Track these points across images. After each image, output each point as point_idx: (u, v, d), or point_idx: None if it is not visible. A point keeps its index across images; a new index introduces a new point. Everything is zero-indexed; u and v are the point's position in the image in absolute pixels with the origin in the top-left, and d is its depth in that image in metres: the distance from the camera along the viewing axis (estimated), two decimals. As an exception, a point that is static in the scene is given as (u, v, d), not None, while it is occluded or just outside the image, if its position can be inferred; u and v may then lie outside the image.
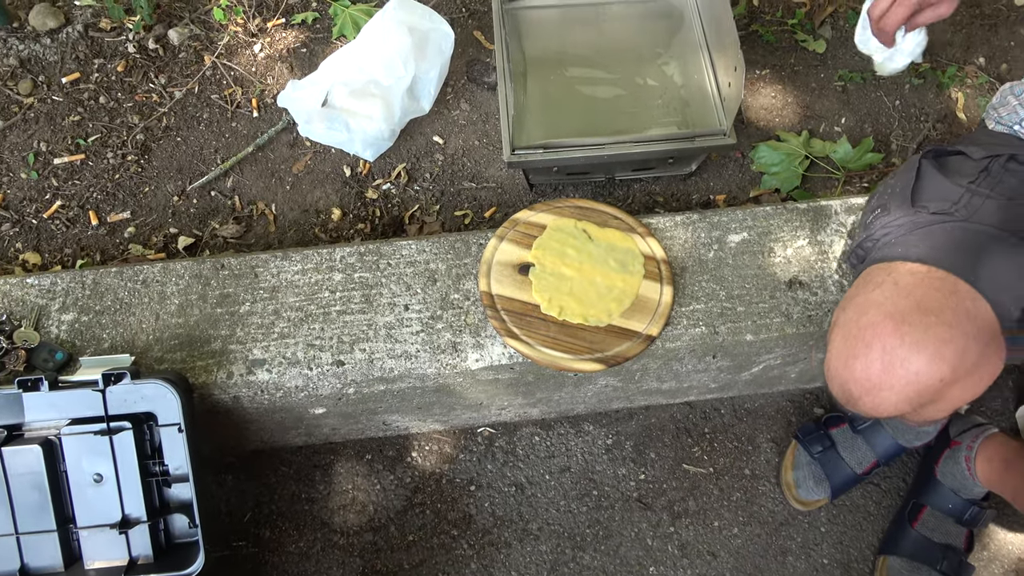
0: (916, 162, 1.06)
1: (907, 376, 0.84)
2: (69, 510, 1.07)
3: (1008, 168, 1.00)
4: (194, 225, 1.42)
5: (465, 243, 1.22)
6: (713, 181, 1.47)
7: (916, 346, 0.83)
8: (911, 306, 0.86)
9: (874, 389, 0.87)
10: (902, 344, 0.84)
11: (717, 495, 1.36)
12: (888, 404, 0.87)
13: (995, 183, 0.99)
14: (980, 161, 1.02)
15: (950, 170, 1.04)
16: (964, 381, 0.86)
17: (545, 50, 1.48)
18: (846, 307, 0.94)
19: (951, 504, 1.25)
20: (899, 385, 0.85)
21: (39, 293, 1.17)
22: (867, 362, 0.86)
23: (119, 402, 1.04)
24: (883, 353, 0.85)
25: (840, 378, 0.91)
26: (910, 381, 0.84)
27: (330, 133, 1.43)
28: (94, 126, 1.50)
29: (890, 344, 0.84)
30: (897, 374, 0.84)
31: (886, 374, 0.85)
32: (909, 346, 0.84)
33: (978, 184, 0.99)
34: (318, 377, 1.12)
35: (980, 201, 0.97)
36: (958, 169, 1.03)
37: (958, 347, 0.83)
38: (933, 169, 1.04)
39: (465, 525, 1.33)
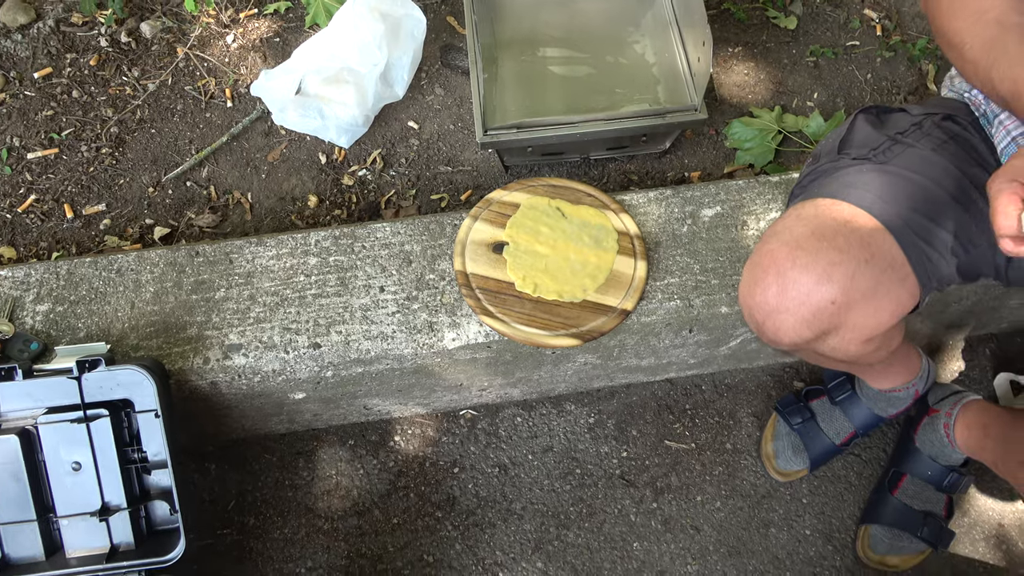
0: (853, 116, 1.08)
1: (799, 297, 0.87)
2: (48, 499, 1.07)
3: (941, 125, 1.01)
4: (170, 216, 1.42)
5: (440, 224, 1.22)
6: (688, 159, 1.48)
7: (805, 268, 0.86)
8: (806, 233, 0.88)
9: (773, 312, 0.89)
10: (793, 267, 0.87)
11: (699, 470, 1.37)
12: (787, 327, 0.89)
13: (922, 136, 1.00)
14: (916, 116, 1.03)
15: (886, 125, 1.05)
16: (862, 306, 0.88)
17: (517, 32, 1.48)
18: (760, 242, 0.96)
19: (930, 471, 1.27)
20: (792, 306, 0.87)
21: (13, 284, 1.17)
22: (764, 286, 0.89)
23: (95, 389, 1.04)
24: (777, 276, 0.88)
25: (746, 306, 0.93)
26: (802, 302, 0.87)
27: (304, 121, 1.43)
28: (67, 120, 1.49)
29: (783, 267, 0.87)
30: (789, 295, 0.87)
31: (780, 296, 0.88)
32: (799, 268, 0.86)
33: (904, 135, 1.00)
34: (295, 360, 1.12)
35: (901, 149, 0.98)
36: (893, 124, 1.05)
37: (847, 270, 0.86)
38: (866, 123, 1.05)
39: (449, 507, 1.33)
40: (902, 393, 1.24)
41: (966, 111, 1.04)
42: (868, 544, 1.28)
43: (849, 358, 0.99)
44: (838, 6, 1.64)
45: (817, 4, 1.64)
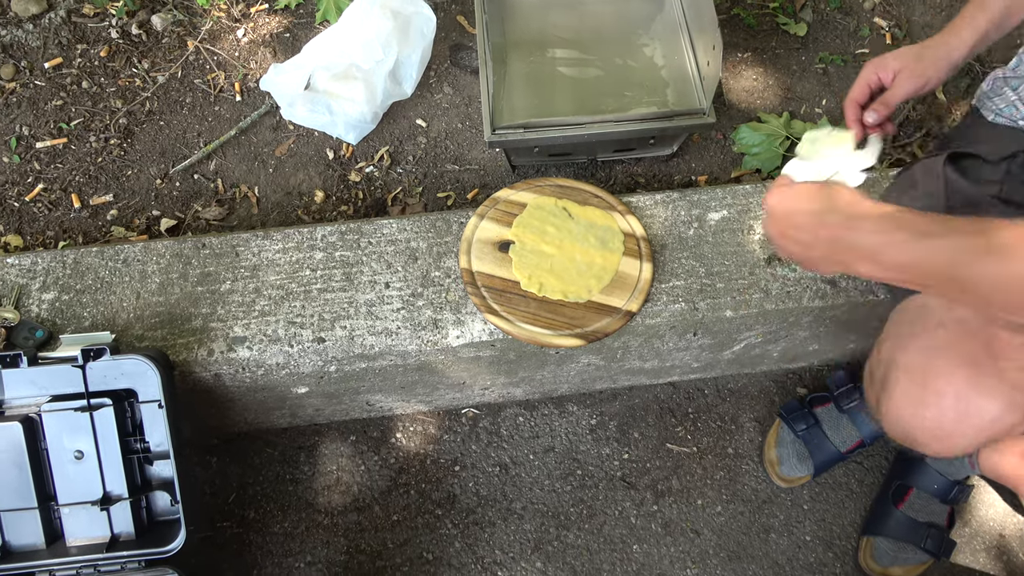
0: (941, 172, 1.02)
1: (982, 424, 0.82)
2: (50, 487, 1.07)
3: None
4: (177, 208, 1.42)
5: (446, 222, 1.23)
6: (695, 163, 1.48)
7: (991, 394, 0.80)
8: (981, 350, 0.82)
9: (946, 437, 0.84)
10: (978, 393, 0.81)
11: (700, 474, 1.37)
12: (959, 449, 0.85)
13: (1017, 186, 0.97)
14: (998, 164, 0.99)
15: (971, 177, 1.01)
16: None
17: (527, 32, 1.48)
18: (907, 347, 0.88)
19: (936, 485, 1.26)
20: (972, 432, 0.83)
21: (19, 272, 1.17)
22: (939, 411, 0.83)
23: (99, 378, 1.04)
24: (957, 401, 0.82)
25: (907, 426, 0.87)
26: (984, 428, 0.82)
27: (313, 116, 1.44)
28: (77, 110, 1.50)
29: (964, 392, 0.81)
30: (972, 423, 0.82)
31: (959, 423, 0.83)
32: (984, 395, 0.81)
33: (1007, 193, 0.96)
34: (299, 354, 1.13)
35: (1012, 212, 0.93)
36: (978, 175, 1.00)
37: None
38: (958, 176, 1.00)
39: (449, 505, 1.33)
40: None
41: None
42: (871, 555, 1.27)
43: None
44: (848, 13, 1.64)
45: (827, 11, 1.64)
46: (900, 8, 1.65)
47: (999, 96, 1.05)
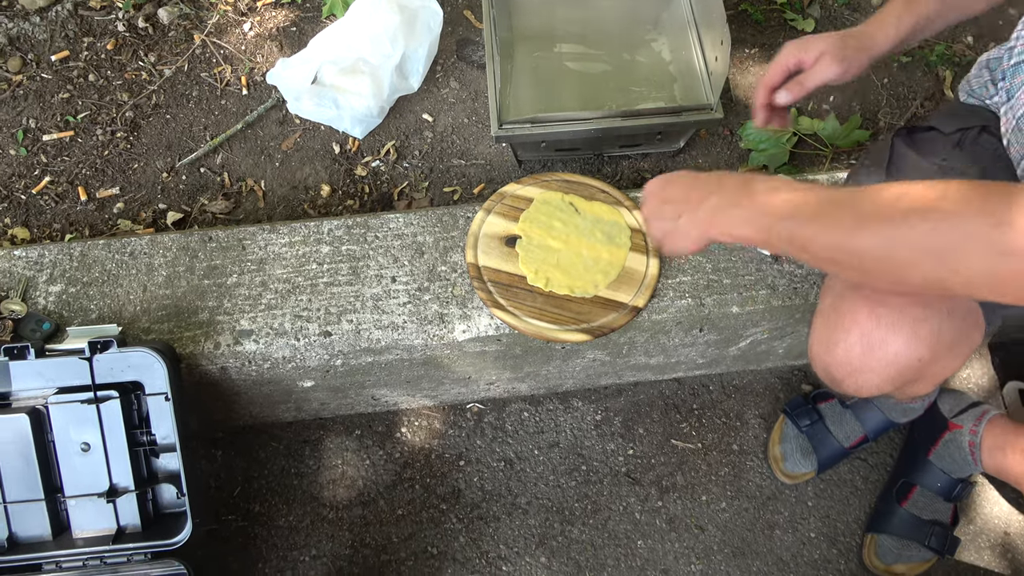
0: (889, 141, 1.07)
1: (886, 358, 0.85)
2: (56, 479, 1.07)
3: (979, 142, 1.00)
4: (183, 201, 1.42)
5: (452, 216, 1.22)
6: (702, 159, 1.48)
7: (892, 327, 0.84)
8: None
9: (855, 372, 0.88)
10: (879, 326, 0.85)
11: (705, 470, 1.37)
12: (870, 385, 0.88)
13: (968, 159, 0.99)
14: (952, 135, 1.02)
15: (923, 148, 1.04)
16: (944, 358, 0.87)
17: (534, 26, 1.48)
18: (825, 293, 0.94)
19: (940, 483, 1.26)
20: (879, 367, 0.86)
21: (26, 265, 1.17)
22: (847, 346, 0.87)
23: (106, 371, 1.04)
24: (861, 336, 0.86)
25: (822, 363, 0.92)
26: (890, 362, 0.85)
27: (319, 110, 1.43)
28: (83, 103, 1.50)
29: (867, 327, 0.85)
30: (876, 356, 0.85)
31: (866, 357, 0.86)
32: (886, 328, 0.84)
33: (950, 161, 0.99)
34: (305, 348, 1.13)
35: (953, 178, 0.97)
36: (931, 147, 1.03)
37: (933, 326, 0.84)
38: (905, 147, 1.04)
39: (454, 499, 1.33)
40: (918, 405, 1.23)
41: (994, 119, 1.03)
42: (875, 553, 1.27)
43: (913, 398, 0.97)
44: (856, 10, 1.64)
45: (835, 7, 1.64)
46: (908, 4, 1.64)
47: (976, 78, 1.07)
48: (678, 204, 0.88)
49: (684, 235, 0.88)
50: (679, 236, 0.88)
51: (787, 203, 0.77)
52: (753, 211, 0.80)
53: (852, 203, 0.72)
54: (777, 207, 0.78)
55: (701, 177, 0.88)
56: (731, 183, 0.84)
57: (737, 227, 0.81)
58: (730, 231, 0.82)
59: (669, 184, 0.91)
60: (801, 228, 0.75)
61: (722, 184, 0.85)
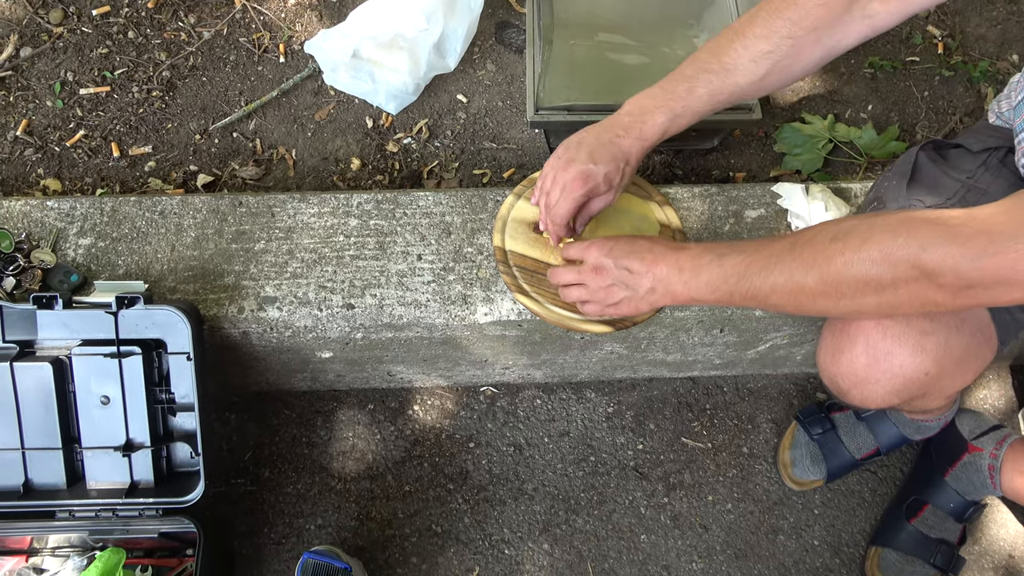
0: (913, 155, 1.06)
1: (891, 369, 0.85)
2: (75, 430, 1.09)
3: (1006, 163, 0.99)
4: (214, 164, 1.42)
5: (482, 198, 1.22)
6: (734, 158, 1.47)
7: (898, 339, 0.84)
8: None
9: (861, 383, 0.88)
10: (884, 337, 0.85)
11: (713, 470, 1.37)
12: (876, 396, 0.88)
13: (992, 179, 0.98)
14: (978, 155, 1.01)
15: (948, 164, 1.03)
16: (951, 373, 0.87)
17: (575, 14, 1.47)
18: None
19: (953, 504, 1.25)
20: (884, 378, 0.86)
21: (58, 216, 1.18)
22: (852, 356, 0.88)
23: (130, 327, 1.05)
24: (867, 347, 0.86)
25: (829, 372, 0.92)
26: (895, 374, 0.86)
27: (355, 83, 1.43)
28: (121, 60, 1.50)
29: (873, 338, 0.86)
30: (881, 367, 0.86)
31: (871, 368, 0.86)
32: (891, 339, 0.85)
33: (975, 179, 0.98)
34: (327, 319, 1.13)
35: (976, 197, 0.96)
36: (956, 163, 1.02)
37: (940, 339, 0.84)
38: (930, 162, 1.03)
39: (462, 480, 1.34)
40: (933, 423, 1.23)
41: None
42: (878, 566, 1.27)
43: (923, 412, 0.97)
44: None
45: (880, 15, 1.62)
46: (955, 18, 1.62)
47: (1006, 99, 1.06)
48: (622, 275, 0.95)
49: (634, 304, 0.97)
50: (626, 305, 0.97)
51: (739, 264, 0.85)
52: (712, 277, 0.88)
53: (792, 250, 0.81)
54: (733, 270, 0.86)
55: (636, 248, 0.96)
56: (672, 259, 0.92)
57: (701, 294, 0.90)
58: (691, 297, 0.91)
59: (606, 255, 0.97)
60: (760, 281, 0.83)
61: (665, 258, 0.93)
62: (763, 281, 0.82)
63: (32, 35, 1.52)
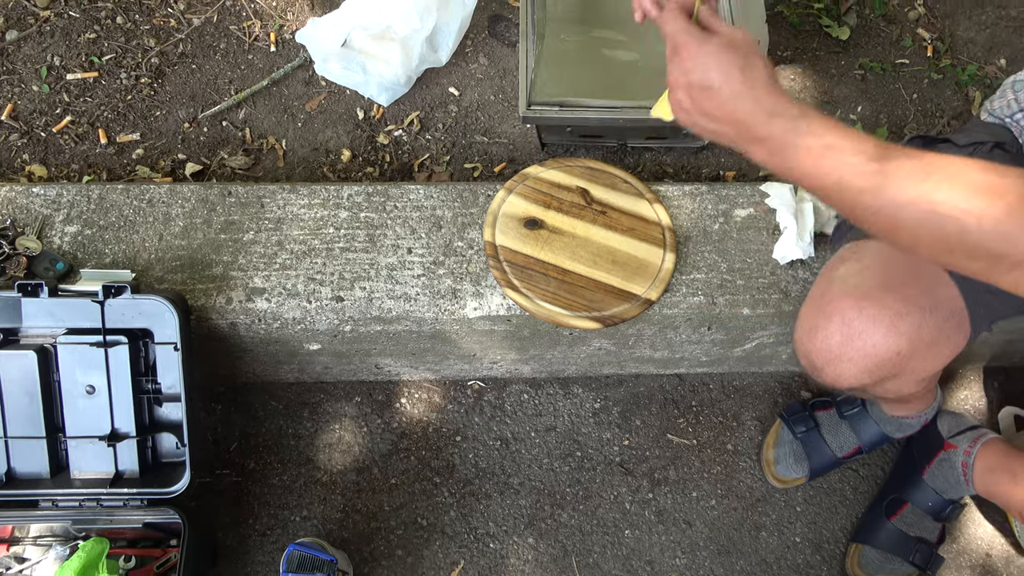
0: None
1: (864, 348, 0.87)
2: (59, 419, 1.08)
3: (992, 156, 1.00)
4: (203, 153, 1.41)
5: (473, 193, 1.22)
6: (724, 157, 1.47)
7: (873, 319, 0.86)
8: (870, 281, 0.88)
9: (834, 360, 0.89)
10: (860, 316, 0.86)
11: (698, 467, 1.38)
12: (848, 375, 0.89)
13: None
14: (964, 148, 1.03)
15: None
16: (923, 354, 0.88)
17: (568, 9, 1.46)
18: (817, 283, 0.97)
19: (932, 503, 1.27)
20: (857, 356, 0.87)
21: (44, 203, 1.17)
22: (827, 334, 0.89)
23: (117, 316, 1.05)
24: (842, 325, 0.87)
25: (804, 348, 0.93)
26: (868, 353, 0.87)
27: (346, 74, 1.42)
28: (109, 45, 1.48)
29: (848, 316, 0.87)
30: (855, 345, 0.87)
31: (845, 346, 0.87)
32: (866, 319, 0.86)
33: None
34: (316, 311, 1.13)
35: None
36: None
37: (914, 321, 0.86)
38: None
39: (448, 473, 1.34)
40: (914, 421, 1.24)
41: (1011, 137, 1.03)
42: (858, 563, 1.29)
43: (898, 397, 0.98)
44: (892, 22, 1.63)
45: (871, 17, 1.63)
46: (945, 22, 1.64)
47: (1000, 98, 1.07)
48: (720, 120, 0.80)
49: (703, 132, 0.83)
50: (699, 131, 0.83)
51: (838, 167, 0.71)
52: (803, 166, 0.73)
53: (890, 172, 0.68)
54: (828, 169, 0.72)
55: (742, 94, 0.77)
56: (780, 128, 0.74)
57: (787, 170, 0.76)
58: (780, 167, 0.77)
59: (710, 90, 0.80)
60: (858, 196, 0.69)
61: (771, 124, 0.75)
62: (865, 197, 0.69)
63: (18, 18, 1.49)
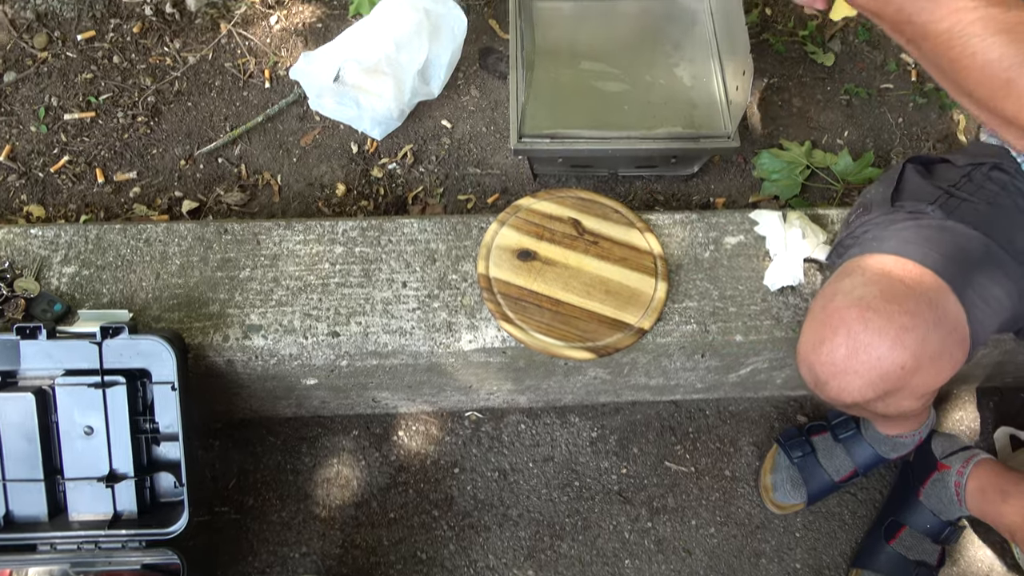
0: (900, 166, 1.09)
1: (870, 361, 0.87)
2: (57, 460, 1.08)
3: (991, 176, 1.02)
4: (199, 190, 1.43)
5: (466, 225, 1.23)
6: (714, 184, 1.49)
7: (879, 331, 0.86)
8: (875, 294, 0.88)
9: (840, 373, 0.89)
10: (866, 330, 0.86)
11: (696, 494, 1.38)
12: (853, 388, 0.89)
13: (975, 188, 1.01)
14: (963, 168, 1.04)
15: (934, 176, 1.06)
16: (926, 369, 0.88)
17: (558, 42, 1.49)
18: (817, 298, 0.97)
19: (929, 525, 1.27)
20: (863, 369, 0.87)
21: (42, 244, 1.18)
22: (832, 346, 0.89)
23: (115, 356, 1.05)
24: (848, 338, 0.87)
25: (808, 362, 0.93)
26: (873, 366, 0.87)
27: (340, 109, 1.44)
28: (106, 85, 1.50)
29: (854, 329, 0.87)
30: (860, 359, 0.87)
31: (850, 359, 0.88)
32: (872, 332, 0.86)
33: (958, 188, 1.01)
34: (313, 347, 1.13)
35: (957, 203, 0.99)
36: (942, 175, 1.06)
37: (919, 335, 0.86)
38: (915, 174, 1.06)
39: (447, 506, 1.34)
40: (908, 440, 1.25)
41: (1009, 157, 1.05)
42: (859, 587, 1.29)
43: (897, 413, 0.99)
44: (876, 47, 1.66)
45: (856, 43, 1.66)
46: (928, 47, 1.66)
47: None
48: None
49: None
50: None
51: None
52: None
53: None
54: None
55: None
56: None
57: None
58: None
59: None
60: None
61: None
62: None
63: (16, 60, 1.52)
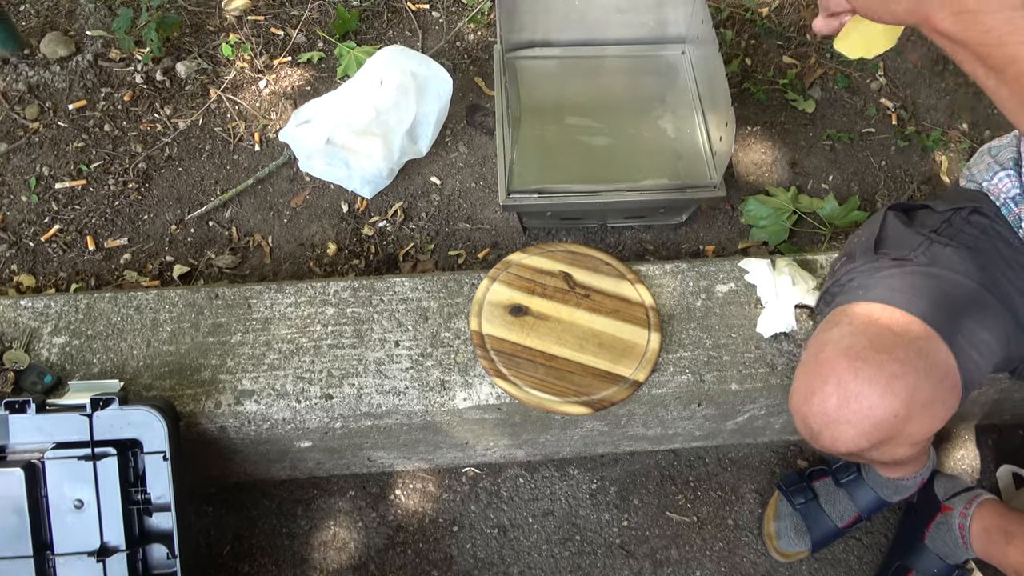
0: (882, 214, 1.10)
1: (861, 410, 0.87)
2: (47, 536, 1.06)
3: (970, 220, 1.03)
4: (190, 254, 1.43)
5: (457, 282, 1.24)
6: (703, 232, 1.50)
7: (869, 381, 0.86)
8: (864, 343, 0.89)
9: (832, 423, 0.89)
10: (856, 379, 0.87)
11: (700, 544, 1.36)
12: (846, 438, 0.89)
13: (956, 232, 1.02)
14: (943, 213, 1.06)
15: (915, 222, 1.08)
16: (919, 416, 0.88)
17: (543, 98, 1.52)
18: (809, 346, 0.97)
19: (936, 569, 1.25)
20: (855, 419, 0.87)
21: (32, 315, 1.18)
22: (823, 396, 0.89)
23: (105, 427, 1.04)
24: (838, 387, 0.88)
25: (801, 413, 0.93)
26: (865, 415, 0.87)
27: (330, 170, 1.46)
28: (97, 153, 1.52)
29: (844, 379, 0.87)
30: (852, 408, 0.87)
31: (842, 408, 0.88)
32: (862, 381, 0.86)
33: (939, 233, 1.03)
34: (306, 410, 1.13)
35: (939, 248, 1.00)
36: (922, 221, 1.07)
37: (909, 383, 0.86)
38: (897, 220, 1.07)
39: (446, 566, 1.32)
40: (909, 482, 1.24)
41: (988, 201, 1.06)
42: (867, 634, 1.26)
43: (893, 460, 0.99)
44: (856, 93, 1.69)
45: (835, 90, 1.69)
46: (906, 91, 1.70)
47: (977, 165, 1.10)
48: None
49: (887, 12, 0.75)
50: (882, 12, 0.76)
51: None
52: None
53: None
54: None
55: None
56: None
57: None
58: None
59: None
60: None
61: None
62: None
63: (8, 130, 1.53)
